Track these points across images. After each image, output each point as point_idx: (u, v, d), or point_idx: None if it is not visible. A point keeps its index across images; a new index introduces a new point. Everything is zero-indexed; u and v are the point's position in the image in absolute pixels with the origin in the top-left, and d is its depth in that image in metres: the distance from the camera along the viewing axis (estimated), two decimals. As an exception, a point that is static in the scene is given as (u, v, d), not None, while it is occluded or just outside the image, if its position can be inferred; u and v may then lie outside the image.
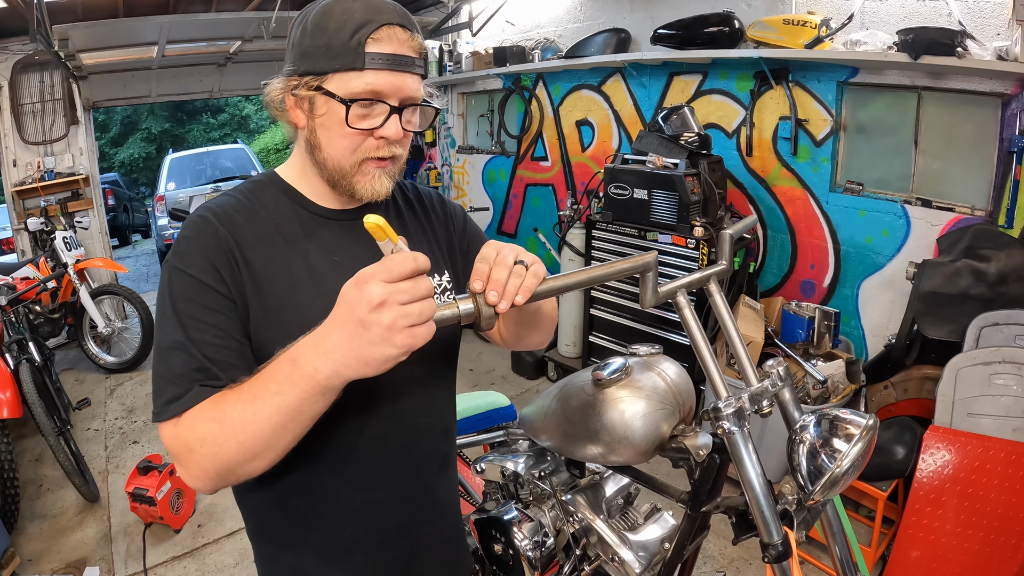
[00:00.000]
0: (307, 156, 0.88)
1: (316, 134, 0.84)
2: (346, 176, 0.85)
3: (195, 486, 0.76)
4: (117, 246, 9.91)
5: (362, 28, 0.78)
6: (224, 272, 0.80)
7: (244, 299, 0.81)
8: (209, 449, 0.71)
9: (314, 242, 0.88)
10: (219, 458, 0.72)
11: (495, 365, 4.34)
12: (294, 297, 0.83)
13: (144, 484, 2.59)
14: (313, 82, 0.81)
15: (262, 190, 0.90)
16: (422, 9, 5.36)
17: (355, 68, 0.79)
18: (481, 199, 5.34)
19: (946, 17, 2.53)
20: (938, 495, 1.99)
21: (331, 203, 0.91)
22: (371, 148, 0.84)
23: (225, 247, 0.81)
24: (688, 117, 3.19)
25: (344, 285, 0.65)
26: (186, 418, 0.75)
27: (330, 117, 0.82)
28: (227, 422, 0.71)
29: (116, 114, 14.95)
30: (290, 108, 0.85)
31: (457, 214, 1.07)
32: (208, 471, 0.73)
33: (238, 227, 0.83)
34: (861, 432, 0.85)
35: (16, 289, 3.57)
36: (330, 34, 0.79)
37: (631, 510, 1.28)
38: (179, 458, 0.75)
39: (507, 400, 1.84)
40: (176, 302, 0.78)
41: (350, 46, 0.78)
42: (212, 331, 0.78)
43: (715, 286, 1.04)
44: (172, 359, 0.77)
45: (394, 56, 0.80)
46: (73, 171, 4.83)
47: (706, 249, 2.95)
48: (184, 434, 0.74)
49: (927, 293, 2.41)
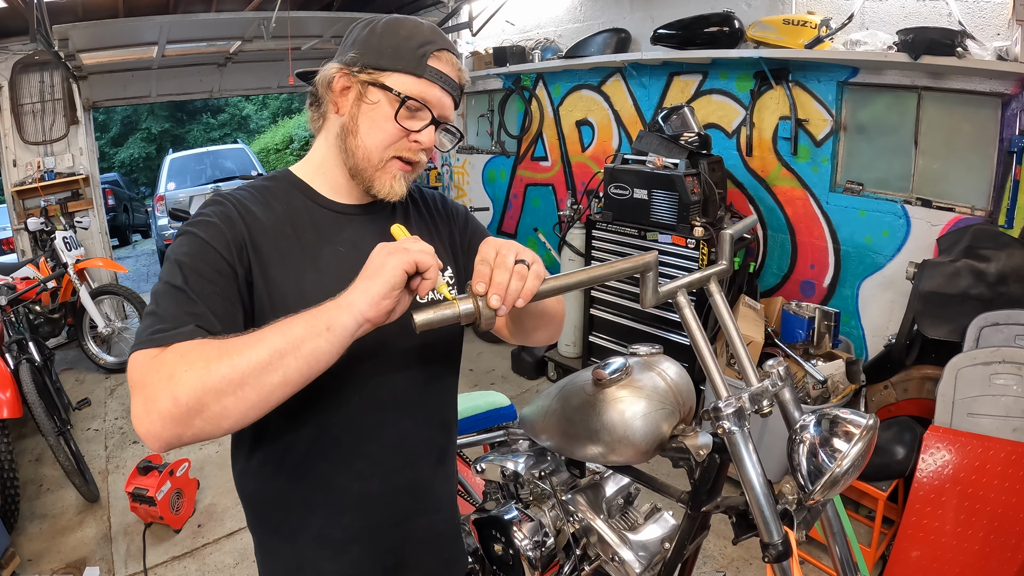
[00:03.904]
0: (335, 143, 0.91)
1: (357, 121, 0.88)
2: (370, 169, 0.90)
3: (149, 428, 0.66)
4: (117, 246, 9.90)
5: (428, 44, 0.87)
6: (234, 246, 0.82)
7: (249, 279, 0.83)
8: (196, 373, 0.65)
9: (322, 234, 0.91)
10: (201, 384, 0.65)
11: (495, 365, 4.34)
12: (299, 285, 0.86)
13: (144, 484, 2.59)
14: (374, 73, 0.87)
15: (275, 185, 0.93)
16: (422, 9, 5.35)
17: (415, 73, 0.87)
18: (481, 199, 5.34)
19: (946, 17, 2.53)
20: (938, 495, 1.99)
21: (345, 198, 0.95)
22: (404, 148, 0.89)
23: (239, 227, 0.84)
24: (688, 117, 3.19)
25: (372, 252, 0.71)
26: (175, 347, 0.70)
27: (380, 108, 0.87)
28: (227, 347, 0.68)
29: (116, 114, 14.95)
30: (338, 91, 0.89)
31: (459, 212, 1.10)
32: (179, 402, 0.65)
33: (250, 214, 0.86)
34: (861, 432, 0.85)
35: (16, 289, 3.57)
36: (399, 40, 0.87)
37: (631, 510, 1.28)
38: (149, 386, 0.67)
39: (507, 400, 1.85)
40: (181, 256, 0.79)
41: (416, 54, 0.87)
42: (211, 287, 0.79)
43: (715, 286, 1.05)
44: (168, 300, 0.76)
45: (447, 76, 0.89)
46: (73, 171, 4.83)
47: (706, 249, 2.95)
48: (169, 360, 0.68)
49: (927, 293, 2.41)
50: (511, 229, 5.14)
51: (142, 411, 0.66)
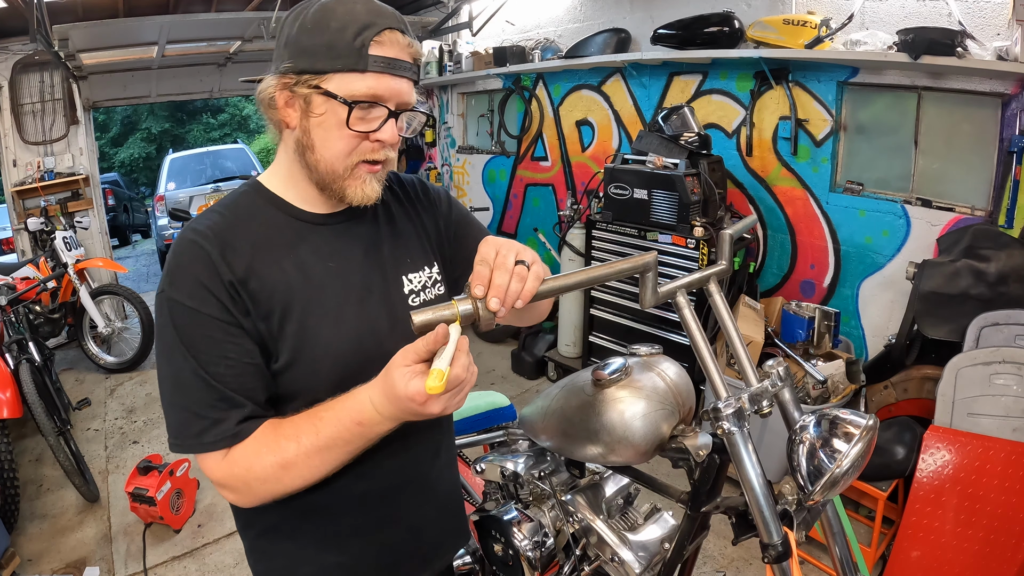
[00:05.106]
0: (296, 158, 0.86)
1: (310, 135, 0.82)
2: (338, 179, 0.84)
3: (243, 505, 0.84)
4: (117, 246, 9.91)
5: (366, 30, 0.77)
6: (223, 298, 0.79)
7: (250, 319, 0.81)
8: (272, 487, 0.79)
9: (307, 250, 0.87)
10: (280, 491, 0.80)
11: (495, 365, 4.34)
12: (296, 312, 0.84)
13: (144, 484, 2.59)
14: (312, 80, 0.79)
15: (248, 202, 0.88)
16: (422, 9, 5.35)
17: (357, 69, 0.78)
18: (481, 199, 5.34)
19: (946, 17, 2.53)
20: (938, 495, 1.99)
21: (320, 207, 0.90)
22: (366, 151, 0.83)
23: (220, 272, 0.79)
24: (688, 117, 3.19)
25: (398, 381, 0.71)
26: (237, 455, 0.79)
27: (329, 118, 0.80)
28: (294, 470, 0.78)
29: (116, 114, 14.95)
30: (282, 107, 0.83)
31: (441, 199, 1.07)
32: (263, 499, 0.81)
33: (228, 247, 0.81)
34: (861, 432, 0.85)
35: (16, 289, 3.57)
36: (332, 33, 0.77)
37: (631, 510, 1.28)
38: (232, 489, 0.81)
39: (507, 400, 1.84)
40: (183, 336, 0.78)
41: (353, 47, 0.77)
42: (225, 362, 0.79)
43: (715, 286, 1.04)
44: (191, 391, 0.78)
45: (395, 60, 0.80)
46: (73, 171, 4.83)
47: (706, 249, 2.95)
48: (239, 472, 0.79)
49: (927, 293, 2.40)
50: (511, 229, 5.14)
51: (234, 499, 0.83)
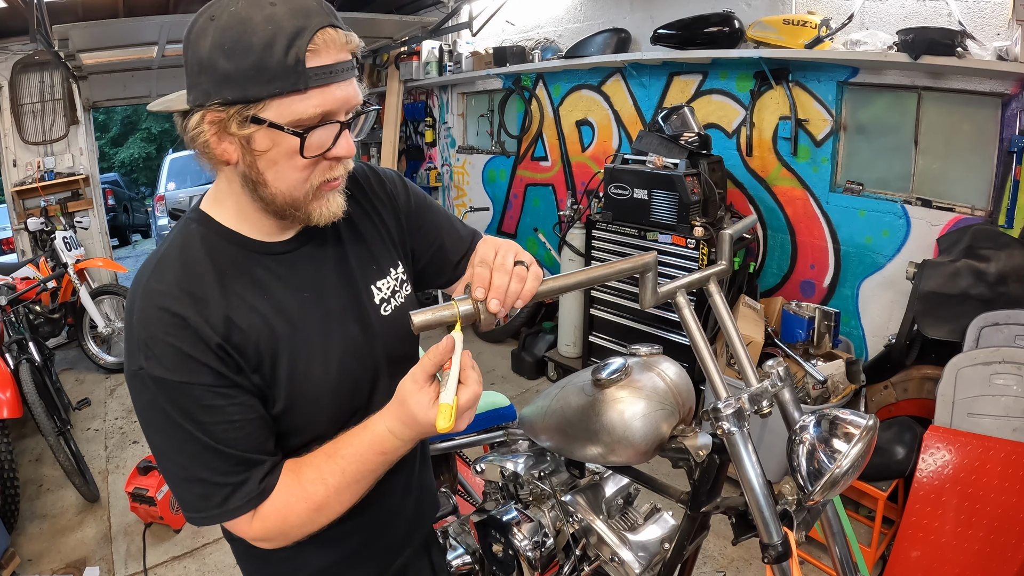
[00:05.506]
0: (244, 193, 0.78)
1: (258, 170, 0.73)
2: (300, 206, 0.77)
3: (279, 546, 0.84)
4: (117, 246, 9.90)
5: (296, 39, 0.66)
6: (214, 364, 0.74)
7: (244, 375, 0.78)
8: (308, 528, 0.80)
9: (278, 287, 0.82)
10: (316, 529, 0.81)
11: (495, 365, 4.34)
12: (285, 357, 0.81)
13: (144, 484, 2.59)
14: (246, 111, 0.68)
15: (200, 243, 0.79)
16: (422, 9, 5.35)
17: (297, 90, 0.68)
18: (481, 199, 5.34)
19: (946, 17, 2.53)
20: (938, 495, 1.99)
21: (277, 235, 0.84)
22: (325, 170, 0.76)
23: (204, 336, 0.73)
24: (688, 117, 3.19)
25: (417, 410, 0.72)
26: (267, 511, 0.79)
27: (276, 150, 0.71)
28: (327, 509, 0.80)
29: (116, 114, 14.95)
30: (215, 145, 0.72)
31: (398, 190, 1.00)
32: (300, 539, 0.82)
33: (201, 303, 0.75)
34: (861, 432, 0.85)
35: (16, 289, 3.57)
36: (258, 52, 0.66)
37: (631, 510, 1.27)
38: (270, 540, 0.81)
39: (507, 400, 1.85)
40: (179, 413, 0.73)
41: (287, 65, 0.66)
42: (232, 426, 0.75)
43: (715, 286, 1.04)
44: (203, 462, 0.75)
45: (336, 66, 0.70)
46: (73, 171, 4.84)
47: (706, 249, 2.95)
48: (273, 526, 0.79)
49: (927, 293, 2.40)
50: (511, 229, 5.14)
51: (271, 546, 0.83)
